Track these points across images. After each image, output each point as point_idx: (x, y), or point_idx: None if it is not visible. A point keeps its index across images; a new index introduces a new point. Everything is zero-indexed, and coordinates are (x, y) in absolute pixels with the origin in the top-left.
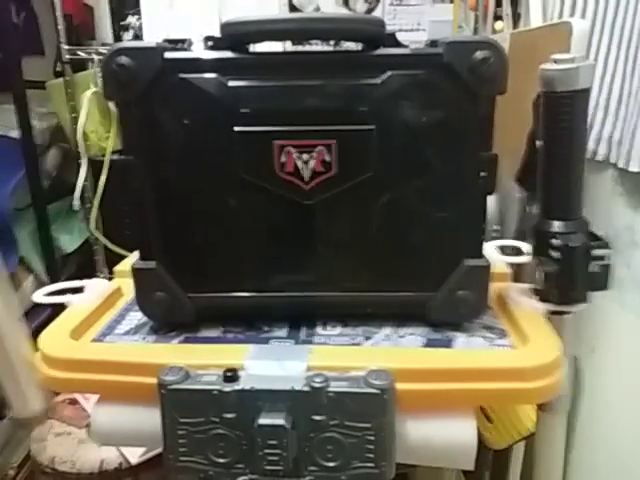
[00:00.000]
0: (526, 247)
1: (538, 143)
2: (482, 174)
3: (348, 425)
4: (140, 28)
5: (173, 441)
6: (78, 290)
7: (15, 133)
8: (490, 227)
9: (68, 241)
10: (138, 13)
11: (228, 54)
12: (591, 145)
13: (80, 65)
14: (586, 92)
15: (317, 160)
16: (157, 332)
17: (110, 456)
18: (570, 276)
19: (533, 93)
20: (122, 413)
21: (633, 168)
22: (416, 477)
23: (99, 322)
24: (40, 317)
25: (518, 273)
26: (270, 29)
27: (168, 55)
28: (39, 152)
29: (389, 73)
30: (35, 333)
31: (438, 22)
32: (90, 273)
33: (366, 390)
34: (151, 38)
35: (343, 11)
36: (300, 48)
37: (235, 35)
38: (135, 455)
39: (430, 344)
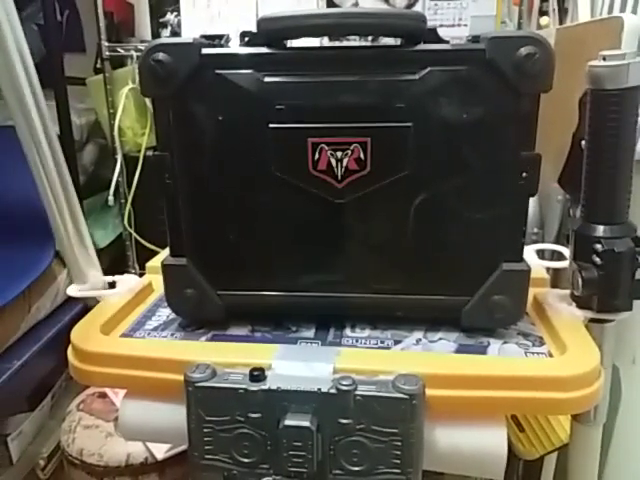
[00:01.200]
0: (567, 252)
1: (583, 143)
2: (524, 175)
3: (375, 430)
4: (178, 25)
5: (198, 439)
6: (111, 285)
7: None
8: (530, 230)
9: (102, 236)
10: (177, 10)
11: (264, 50)
12: (639, 146)
13: (120, 62)
14: (636, 90)
15: (351, 158)
16: (185, 329)
17: (136, 450)
18: (613, 283)
19: (580, 91)
20: (149, 409)
21: None
22: None
23: (129, 317)
24: (73, 311)
25: (556, 279)
26: (307, 24)
27: (205, 51)
28: (77, 147)
29: (428, 69)
30: (69, 326)
31: (480, 17)
32: (122, 269)
33: (394, 395)
34: (189, 34)
35: (382, 6)
36: (337, 44)
37: (271, 31)
38: (161, 450)
39: (462, 350)
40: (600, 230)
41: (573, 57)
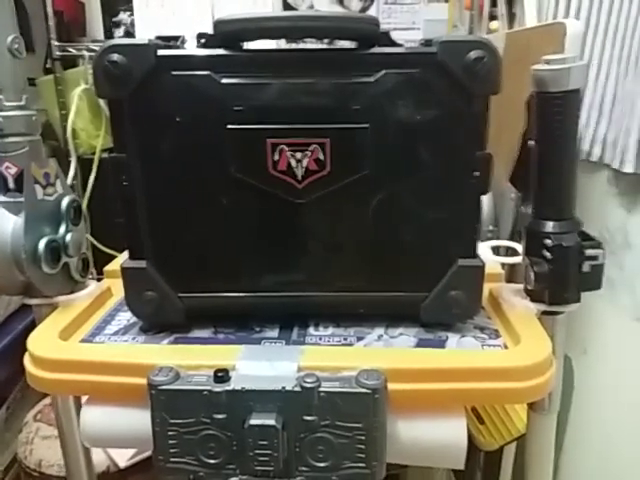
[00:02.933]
0: (520, 247)
1: (530, 143)
2: (476, 173)
3: (339, 425)
4: (132, 25)
5: (163, 442)
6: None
7: None
8: (485, 227)
9: None
10: (130, 9)
11: (221, 51)
12: (586, 146)
13: (71, 62)
14: (577, 92)
15: (311, 159)
16: (147, 332)
17: (98, 459)
18: (562, 276)
19: (527, 93)
20: (111, 414)
21: (627, 169)
22: (407, 478)
23: (88, 323)
24: (29, 318)
25: (512, 274)
26: (262, 27)
27: (161, 52)
28: None
29: (383, 72)
30: (23, 335)
31: (433, 21)
32: None
33: (357, 390)
34: (143, 35)
35: (338, 9)
36: (294, 46)
37: (228, 32)
38: (124, 458)
39: (422, 344)
40: (549, 226)
41: (521, 60)
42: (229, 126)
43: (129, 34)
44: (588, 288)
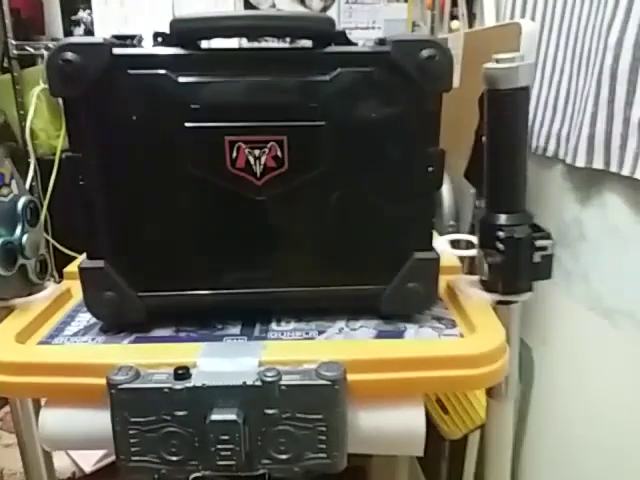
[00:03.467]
0: (476, 240)
1: (483, 139)
2: (430, 169)
3: (300, 417)
4: (92, 23)
5: (124, 441)
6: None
7: None
8: (446, 222)
9: None
10: (89, 7)
11: (178, 50)
12: (541, 142)
13: (29, 61)
14: (526, 90)
15: (269, 156)
16: (107, 333)
17: (63, 465)
18: (515, 266)
19: None
20: (71, 416)
21: (579, 163)
22: (371, 469)
23: (46, 325)
24: None
25: (472, 267)
26: (218, 26)
27: (116, 51)
28: None
29: (338, 70)
30: None
31: (393, 21)
32: None
33: (317, 382)
34: (103, 33)
35: (299, 9)
36: (256, 45)
37: (184, 31)
38: (89, 463)
39: (381, 336)
40: (502, 219)
41: (479, 59)
42: (187, 124)
43: (89, 33)
44: (539, 277)
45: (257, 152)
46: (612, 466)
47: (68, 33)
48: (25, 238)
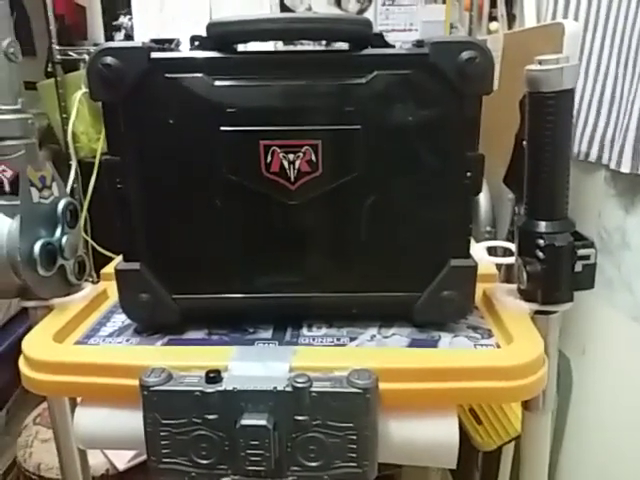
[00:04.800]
0: (515, 248)
1: (524, 144)
2: (468, 174)
3: (330, 425)
4: (132, 28)
5: (155, 443)
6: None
7: None
8: (483, 229)
9: None
10: (130, 13)
11: (214, 54)
12: (584, 146)
13: (72, 66)
14: (570, 92)
15: (303, 160)
16: (141, 334)
17: (97, 462)
18: (555, 276)
19: None
20: (105, 415)
21: (625, 169)
22: (402, 479)
23: (83, 325)
24: (28, 321)
25: (508, 274)
26: (255, 29)
27: (154, 55)
28: None
29: (375, 73)
30: (23, 337)
31: (430, 22)
32: None
33: (348, 390)
34: (142, 38)
35: (335, 11)
36: (292, 48)
37: (220, 35)
38: (123, 461)
39: (415, 344)
40: (542, 226)
41: (520, 61)
42: (222, 128)
43: (129, 38)
44: (581, 287)
45: (291, 156)
46: None
47: (109, 38)
48: (65, 239)
